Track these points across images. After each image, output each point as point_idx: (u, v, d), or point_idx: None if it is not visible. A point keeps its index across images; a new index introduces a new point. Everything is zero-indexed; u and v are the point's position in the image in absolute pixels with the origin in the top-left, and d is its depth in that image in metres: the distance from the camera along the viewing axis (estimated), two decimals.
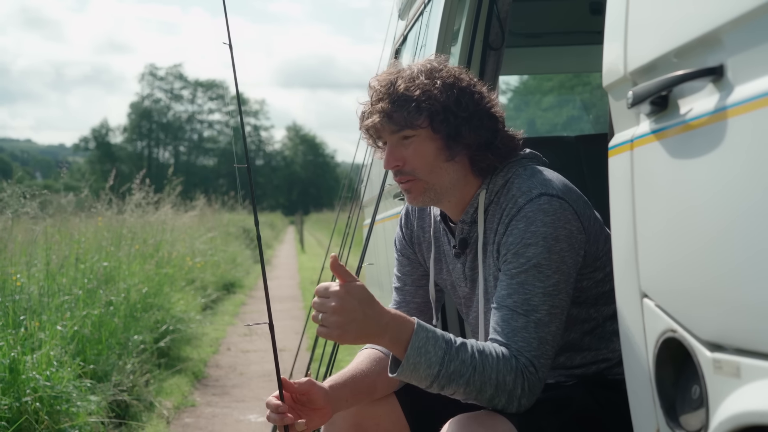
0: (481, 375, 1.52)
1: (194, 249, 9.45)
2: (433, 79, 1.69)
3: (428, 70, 1.71)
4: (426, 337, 1.53)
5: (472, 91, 1.72)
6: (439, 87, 1.68)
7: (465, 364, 1.52)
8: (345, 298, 1.49)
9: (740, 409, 1.02)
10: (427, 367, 1.52)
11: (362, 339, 1.53)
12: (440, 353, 1.52)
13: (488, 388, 1.53)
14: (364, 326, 1.50)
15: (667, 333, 1.22)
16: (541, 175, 1.70)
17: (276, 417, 1.63)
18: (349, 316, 1.49)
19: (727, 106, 1.05)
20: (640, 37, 1.29)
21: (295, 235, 27.85)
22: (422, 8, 3.32)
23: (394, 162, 1.72)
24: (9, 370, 3.29)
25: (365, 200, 4.24)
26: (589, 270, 1.70)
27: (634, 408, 1.39)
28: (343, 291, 1.50)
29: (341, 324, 1.50)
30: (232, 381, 5.36)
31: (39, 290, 4.25)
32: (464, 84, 1.72)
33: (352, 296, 1.50)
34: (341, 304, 1.49)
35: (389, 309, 1.55)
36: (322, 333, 1.53)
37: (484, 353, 1.54)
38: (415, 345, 1.51)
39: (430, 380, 1.53)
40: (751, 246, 1.00)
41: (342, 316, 1.49)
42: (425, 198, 1.75)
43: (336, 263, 1.53)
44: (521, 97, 25.23)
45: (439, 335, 1.54)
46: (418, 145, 1.70)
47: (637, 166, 1.29)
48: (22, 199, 4.72)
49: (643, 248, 1.28)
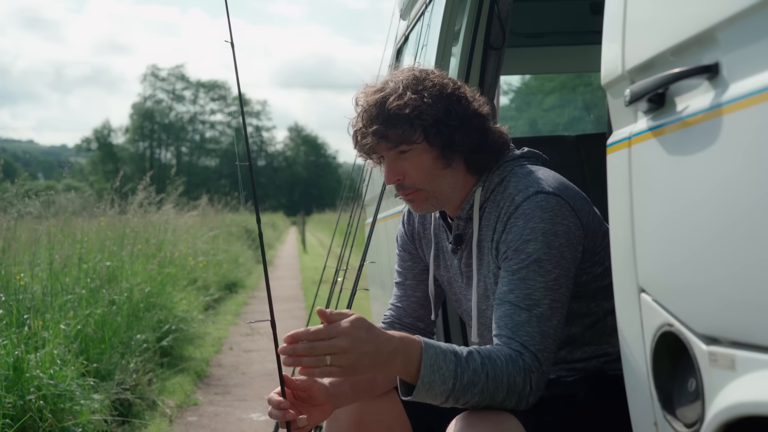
0: (494, 381, 1.52)
1: (196, 249, 9.47)
2: (420, 92, 1.69)
3: (413, 83, 1.71)
4: (435, 353, 1.50)
5: (459, 96, 1.74)
6: (428, 100, 1.69)
7: (477, 372, 1.51)
8: (353, 333, 1.44)
9: (735, 401, 1.03)
10: (442, 383, 1.49)
11: (376, 370, 1.48)
12: (452, 366, 1.50)
13: (500, 392, 1.53)
14: (376, 357, 1.45)
15: (664, 327, 1.23)
16: (537, 173, 1.73)
17: (278, 413, 1.65)
18: (362, 350, 1.44)
19: (723, 103, 1.07)
20: (637, 36, 1.31)
21: (297, 235, 27.87)
22: (423, 8, 3.34)
23: (395, 177, 1.75)
24: (13, 368, 3.30)
25: (367, 199, 4.26)
26: (588, 265, 1.72)
27: (632, 402, 1.41)
28: (350, 327, 1.44)
29: (355, 362, 1.44)
30: (235, 380, 5.38)
31: (42, 289, 4.27)
32: (449, 91, 1.73)
33: (360, 330, 1.45)
34: (351, 342, 1.43)
35: (392, 332, 1.50)
36: (334, 373, 1.46)
37: (492, 358, 1.53)
38: (427, 364, 1.48)
39: (445, 396, 1.51)
40: (747, 241, 1.02)
41: (354, 353, 1.44)
42: (428, 205, 1.80)
43: (323, 311, 1.47)
44: (523, 98, 25.21)
45: (446, 348, 1.52)
46: (416, 158, 1.73)
47: (634, 162, 1.31)
48: (26, 198, 4.75)
49: (641, 244, 1.30)
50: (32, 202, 4.84)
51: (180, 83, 72.26)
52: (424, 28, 3.16)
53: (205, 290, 8.55)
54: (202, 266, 9.15)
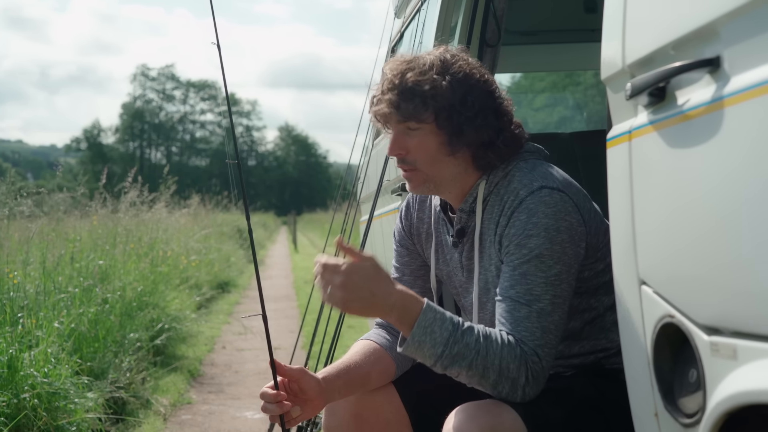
0: (484, 360, 1.55)
1: (188, 248, 9.45)
2: (444, 74, 1.69)
3: (440, 63, 1.71)
4: (434, 317, 1.56)
5: (481, 89, 1.73)
6: (448, 83, 1.68)
7: (469, 347, 1.55)
8: (351, 276, 1.54)
9: (737, 390, 1.04)
10: (432, 346, 1.55)
11: (367, 314, 1.58)
12: (445, 335, 1.55)
13: (491, 374, 1.56)
14: (369, 304, 1.55)
15: (665, 318, 1.25)
16: (542, 169, 1.73)
17: (272, 407, 1.66)
18: (355, 294, 1.54)
19: (724, 96, 1.08)
20: (638, 30, 1.32)
21: (288, 235, 27.84)
22: (419, 5, 3.35)
23: (397, 150, 1.75)
24: (7, 366, 3.30)
25: (362, 196, 4.26)
26: (590, 261, 1.73)
27: (633, 393, 1.42)
28: (349, 269, 1.54)
29: (346, 300, 1.55)
30: (228, 379, 5.38)
31: (35, 288, 4.25)
32: (474, 80, 1.72)
33: (358, 275, 1.54)
34: (345, 282, 1.54)
35: (399, 288, 1.58)
36: (326, 301, 1.58)
37: (490, 339, 1.57)
38: (421, 324, 1.55)
39: (433, 359, 1.57)
40: (748, 232, 1.03)
41: (347, 293, 1.54)
42: (425, 188, 1.80)
43: (342, 243, 1.58)
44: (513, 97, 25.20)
45: (448, 317, 1.57)
46: (422, 137, 1.73)
47: (635, 156, 1.32)
48: (18, 197, 4.73)
49: (642, 237, 1.31)
50: (24, 201, 4.82)
51: (170, 83, 72.17)
52: (420, 25, 3.17)
53: (198, 289, 8.52)
54: (194, 265, 9.13)
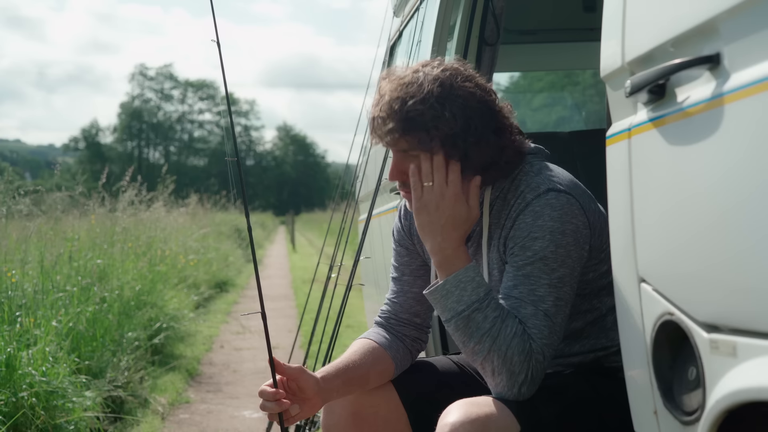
0: (494, 341, 1.57)
1: (187, 247, 9.44)
2: (444, 103, 1.62)
3: (438, 88, 1.63)
4: (472, 278, 1.62)
5: (482, 111, 1.66)
6: (450, 113, 1.62)
7: (486, 319, 1.58)
8: (440, 206, 1.64)
9: (738, 387, 1.04)
10: (456, 301, 1.61)
11: (425, 238, 1.67)
12: (474, 297, 1.60)
13: (494, 357, 1.57)
14: (431, 233, 1.65)
15: (664, 316, 1.24)
16: (548, 171, 1.72)
17: (271, 405, 1.65)
18: (428, 218, 1.65)
19: (724, 93, 1.08)
20: (637, 28, 1.32)
21: (286, 235, 27.82)
22: (418, 4, 3.35)
23: (400, 176, 1.72)
24: (5, 365, 3.29)
25: (361, 195, 4.25)
26: (594, 262, 1.73)
27: (632, 392, 1.42)
28: (454, 200, 1.64)
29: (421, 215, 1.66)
30: (226, 378, 5.37)
31: (33, 287, 4.25)
32: (474, 103, 1.65)
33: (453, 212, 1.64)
34: (432, 206, 1.64)
35: (462, 246, 1.66)
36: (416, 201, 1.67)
37: (506, 323, 1.58)
38: (459, 276, 1.62)
39: (451, 314, 1.62)
40: (747, 230, 1.03)
41: (425, 215, 1.65)
42: None
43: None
44: (511, 97, 25.21)
45: (484, 285, 1.63)
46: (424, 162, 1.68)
47: (634, 153, 1.32)
48: (16, 196, 4.72)
49: (641, 234, 1.31)
50: (22, 200, 4.82)
51: (168, 82, 72.08)
52: (419, 24, 3.16)
53: (196, 289, 8.52)
54: (192, 264, 9.12)
